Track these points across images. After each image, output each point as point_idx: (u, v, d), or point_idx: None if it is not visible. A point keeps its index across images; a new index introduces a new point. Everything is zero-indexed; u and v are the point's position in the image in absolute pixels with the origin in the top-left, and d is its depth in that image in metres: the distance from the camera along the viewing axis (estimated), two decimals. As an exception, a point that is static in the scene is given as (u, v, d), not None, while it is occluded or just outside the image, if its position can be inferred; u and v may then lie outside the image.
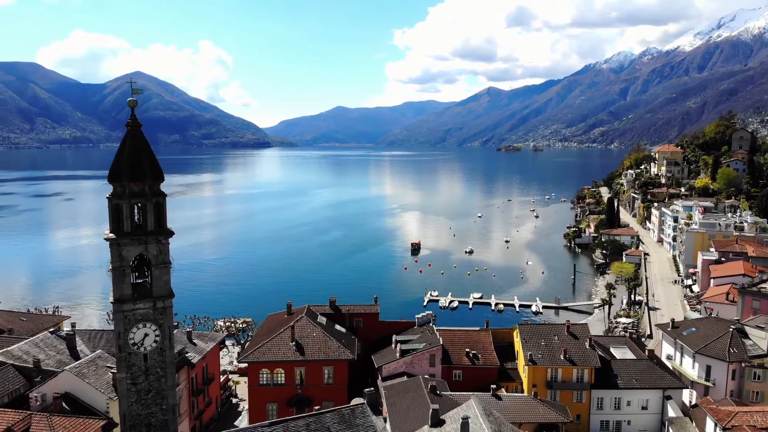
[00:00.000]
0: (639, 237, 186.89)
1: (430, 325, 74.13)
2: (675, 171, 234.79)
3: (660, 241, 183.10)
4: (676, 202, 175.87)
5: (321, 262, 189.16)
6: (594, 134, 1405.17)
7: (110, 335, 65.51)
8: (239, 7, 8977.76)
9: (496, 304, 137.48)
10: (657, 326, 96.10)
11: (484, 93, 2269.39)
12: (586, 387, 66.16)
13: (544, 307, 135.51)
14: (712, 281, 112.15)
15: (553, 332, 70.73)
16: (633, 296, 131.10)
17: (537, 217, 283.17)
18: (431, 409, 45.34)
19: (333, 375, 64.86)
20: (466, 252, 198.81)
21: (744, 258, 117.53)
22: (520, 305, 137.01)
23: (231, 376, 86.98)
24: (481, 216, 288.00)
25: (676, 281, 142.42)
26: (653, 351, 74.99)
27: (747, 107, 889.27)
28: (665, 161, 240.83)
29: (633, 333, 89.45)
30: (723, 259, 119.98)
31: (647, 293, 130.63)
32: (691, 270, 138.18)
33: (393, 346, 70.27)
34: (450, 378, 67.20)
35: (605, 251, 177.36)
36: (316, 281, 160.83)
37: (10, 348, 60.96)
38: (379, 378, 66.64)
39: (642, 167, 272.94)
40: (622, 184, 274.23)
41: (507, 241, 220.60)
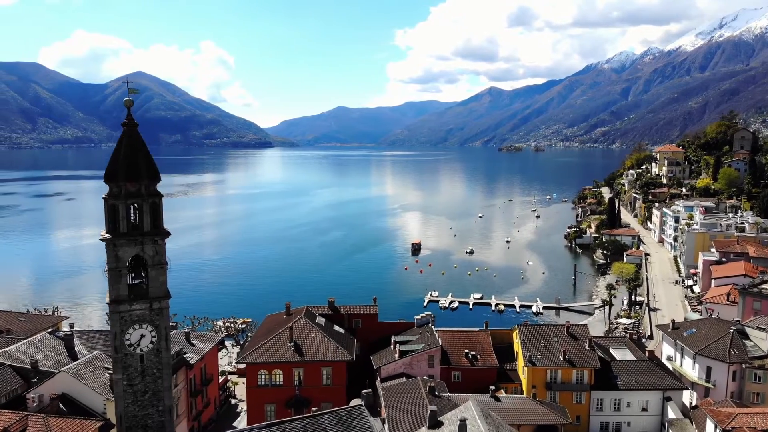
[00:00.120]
0: (640, 237, 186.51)
1: (429, 326, 73.90)
2: (676, 171, 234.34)
3: (661, 242, 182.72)
4: (677, 203, 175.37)
5: (321, 263, 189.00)
6: (595, 134, 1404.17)
7: (108, 336, 65.26)
8: (241, 8, 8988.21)
9: (497, 305, 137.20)
10: (657, 327, 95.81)
11: (486, 93, 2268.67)
12: (586, 388, 65.88)
13: (545, 308, 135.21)
14: (713, 282, 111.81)
15: (553, 333, 70.44)
16: (634, 297, 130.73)
17: (538, 218, 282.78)
18: (429, 411, 45.12)
19: (331, 376, 64.65)
20: (467, 252, 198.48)
21: (745, 258, 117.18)
22: (521, 306, 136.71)
23: (230, 377, 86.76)
24: (482, 216, 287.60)
25: (677, 282, 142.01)
26: (653, 352, 74.69)
27: (749, 107, 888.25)
28: (666, 161, 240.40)
29: (633, 334, 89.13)
30: (724, 260, 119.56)
31: (648, 294, 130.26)
32: (692, 270, 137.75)
33: (392, 347, 70.06)
34: (449, 379, 66.96)
35: (606, 251, 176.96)
36: (316, 281, 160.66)
37: (8, 348, 60.79)
38: (378, 379, 66.41)
39: (643, 167, 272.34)
40: (623, 184, 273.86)
41: (508, 242, 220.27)
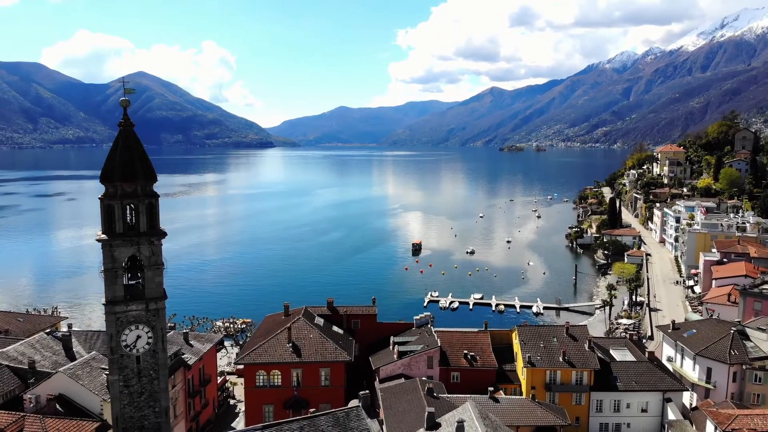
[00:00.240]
0: (641, 237, 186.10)
1: (428, 327, 73.62)
2: (677, 171, 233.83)
3: (662, 242, 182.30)
4: (678, 203, 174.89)
5: (322, 263, 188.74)
6: (597, 134, 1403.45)
7: (106, 336, 65.17)
8: (243, 8, 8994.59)
9: (497, 305, 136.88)
10: (657, 328, 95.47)
11: (487, 93, 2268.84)
12: (586, 389, 65.59)
13: (545, 308, 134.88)
14: (714, 282, 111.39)
15: (552, 334, 70.14)
16: (634, 297, 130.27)
17: (539, 218, 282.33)
18: (427, 412, 44.85)
19: (330, 377, 64.40)
20: (468, 252, 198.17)
21: (746, 259, 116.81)
22: (521, 306, 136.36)
23: (229, 377, 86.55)
24: (483, 216, 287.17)
25: (678, 282, 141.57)
26: (653, 353, 74.32)
27: (750, 107, 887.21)
28: (668, 161, 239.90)
29: (634, 334, 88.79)
30: (725, 260, 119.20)
31: (648, 294, 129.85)
32: (693, 271, 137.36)
33: (391, 348, 69.80)
34: (448, 380, 66.68)
35: (607, 252, 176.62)
36: (317, 282, 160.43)
37: (6, 349, 60.74)
38: (377, 380, 66.17)
39: (644, 167, 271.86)
40: (625, 185, 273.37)
41: (508, 242, 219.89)
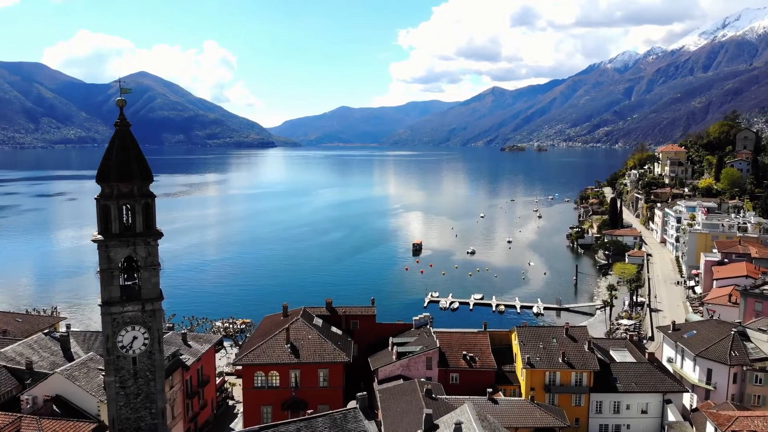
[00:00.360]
0: (642, 238, 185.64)
1: (428, 327, 73.37)
2: (678, 171, 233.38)
3: (663, 242, 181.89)
4: (680, 203, 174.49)
5: (322, 263, 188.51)
6: (598, 134, 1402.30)
7: (104, 337, 64.98)
8: (244, 8, 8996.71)
9: (497, 306, 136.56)
10: (658, 328, 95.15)
11: (488, 93, 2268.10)
12: (585, 390, 65.31)
13: (546, 309, 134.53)
14: (715, 283, 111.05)
15: (552, 335, 69.86)
16: (635, 298, 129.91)
17: (540, 218, 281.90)
18: (424, 414, 44.66)
19: (328, 378, 64.13)
20: (468, 252, 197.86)
21: (747, 259, 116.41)
22: (522, 306, 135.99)
23: (228, 378, 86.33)
24: (484, 216, 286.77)
25: (679, 282, 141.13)
26: (653, 354, 74.01)
27: (752, 107, 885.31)
28: (669, 161, 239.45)
29: (634, 335, 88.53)
30: (726, 261, 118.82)
31: (649, 295, 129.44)
32: (694, 271, 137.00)
33: (390, 349, 69.56)
34: (447, 381, 66.44)
35: (608, 252, 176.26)
36: (317, 282, 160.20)
37: (4, 349, 60.59)
38: (376, 381, 65.95)
39: (645, 167, 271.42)
40: (626, 185, 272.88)
41: (509, 242, 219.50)
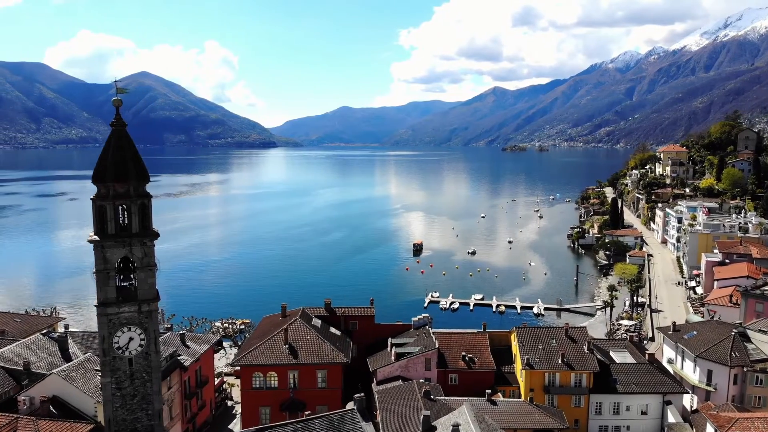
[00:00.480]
0: (643, 238, 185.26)
1: (427, 328, 73.13)
2: (680, 171, 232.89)
3: (664, 242, 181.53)
4: (681, 203, 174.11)
5: (322, 263, 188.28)
6: (600, 134, 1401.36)
7: (103, 337, 64.78)
8: (245, 8, 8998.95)
9: (498, 306, 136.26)
10: (658, 329, 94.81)
11: (490, 93, 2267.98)
12: (585, 391, 65.03)
13: (546, 309, 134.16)
14: (716, 283, 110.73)
15: (551, 335, 69.57)
16: (636, 298, 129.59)
17: (541, 218, 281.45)
18: (422, 416, 44.46)
19: (327, 379, 63.92)
20: (469, 253, 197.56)
21: (748, 260, 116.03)
22: (522, 307, 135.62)
23: (227, 378, 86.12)
24: (485, 216, 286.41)
25: (680, 283, 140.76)
26: (653, 355, 73.69)
27: (754, 107, 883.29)
28: (670, 161, 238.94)
29: (635, 336, 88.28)
30: (727, 261, 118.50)
31: (650, 295, 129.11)
32: (695, 272, 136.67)
33: (388, 350, 69.35)
34: (446, 382, 66.21)
35: (609, 252, 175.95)
36: (317, 282, 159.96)
37: (2, 350, 60.47)
38: (374, 382, 65.73)
39: (647, 167, 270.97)
40: (627, 185, 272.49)
41: (510, 242, 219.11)
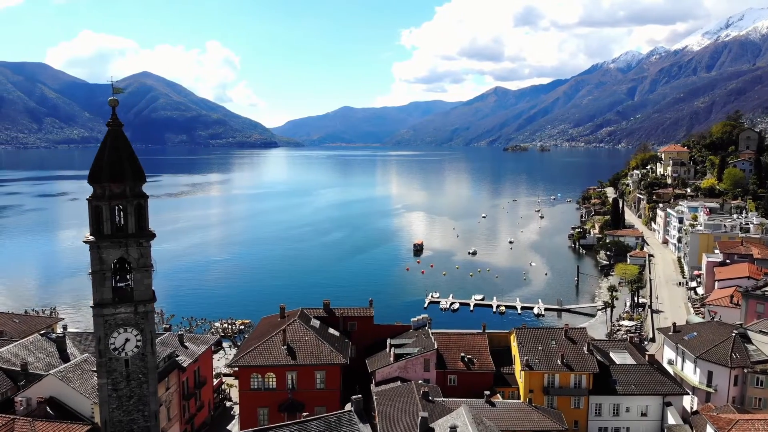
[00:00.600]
0: (644, 238, 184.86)
1: (426, 329, 72.88)
2: (681, 171, 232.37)
3: (665, 243, 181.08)
4: (682, 203, 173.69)
5: (323, 263, 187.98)
6: (601, 134, 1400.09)
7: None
8: (247, 8, 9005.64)
9: (498, 306, 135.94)
10: (658, 330, 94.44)
11: (491, 93, 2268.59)
12: (584, 393, 64.71)
13: (547, 310, 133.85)
14: (717, 284, 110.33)
15: (551, 336, 69.25)
16: (636, 299, 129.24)
17: (542, 218, 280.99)
18: (420, 417, 44.22)
19: (325, 380, 63.70)
20: (470, 253, 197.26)
21: (749, 260, 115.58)
22: (522, 307, 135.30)
23: (226, 379, 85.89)
24: (486, 216, 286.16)
25: (681, 283, 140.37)
26: (653, 356, 73.32)
27: (755, 107, 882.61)
28: (671, 161, 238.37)
29: (635, 336, 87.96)
30: (728, 261, 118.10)
31: (651, 296, 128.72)
32: (696, 272, 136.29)
33: (387, 351, 69.10)
34: (445, 383, 65.93)
35: (609, 252, 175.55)
36: (317, 283, 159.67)
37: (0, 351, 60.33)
38: (373, 383, 65.49)
39: (648, 167, 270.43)
40: (628, 185, 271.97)
41: (511, 242, 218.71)
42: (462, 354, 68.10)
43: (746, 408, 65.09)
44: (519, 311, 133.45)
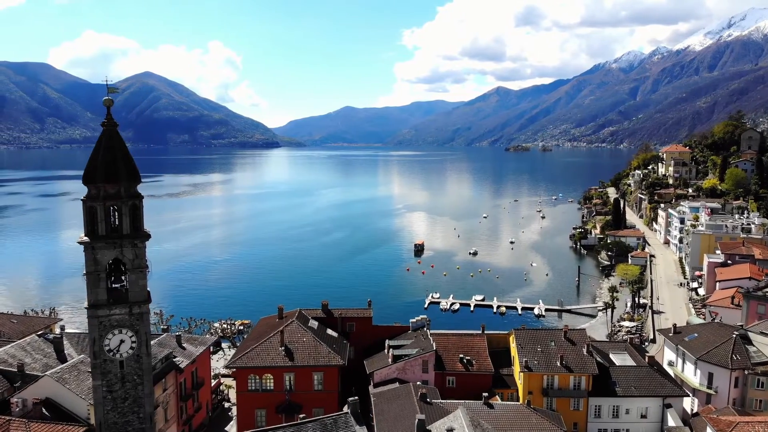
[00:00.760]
0: (645, 238, 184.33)
1: (424, 330, 72.49)
2: (683, 171, 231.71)
3: (666, 243, 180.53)
4: (683, 203, 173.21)
5: (323, 264, 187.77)
6: (603, 134, 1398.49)
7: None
8: (249, 8, 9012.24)
9: (498, 307, 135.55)
10: (659, 331, 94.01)
11: (493, 93, 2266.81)
12: (584, 394, 64.34)
13: (547, 310, 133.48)
14: (718, 284, 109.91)
15: (550, 338, 68.88)
16: (637, 299, 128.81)
17: (543, 218, 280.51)
18: (417, 420, 43.87)
19: (323, 381, 63.37)
20: (470, 253, 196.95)
21: (751, 261, 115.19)
22: (523, 308, 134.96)
23: (224, 380, 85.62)
24: (487, 216, 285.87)
25: (682, 284, 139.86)
26: (654, 357, 72.94)
27: (757, 107, 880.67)
28: (673, 161, 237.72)
29: (636, 337, 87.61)
30: (729, 262, 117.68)
31: (652, 296, 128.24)
32: (697, 273, 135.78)
33: (385, 352, 68.76)
34: (443, 385, 65.55)
35: (611, 253, 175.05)
36: (318, 283, 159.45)
37: (-4, 351, 60.06)
38: (371, 384, 65.17)
39: (649, 168, 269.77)
40: (629, 185, 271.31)
41: (512, 243, 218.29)
42: (461, 355, 67.73)
43: (747, 410, 64.64)
44: (519, 312, 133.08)
